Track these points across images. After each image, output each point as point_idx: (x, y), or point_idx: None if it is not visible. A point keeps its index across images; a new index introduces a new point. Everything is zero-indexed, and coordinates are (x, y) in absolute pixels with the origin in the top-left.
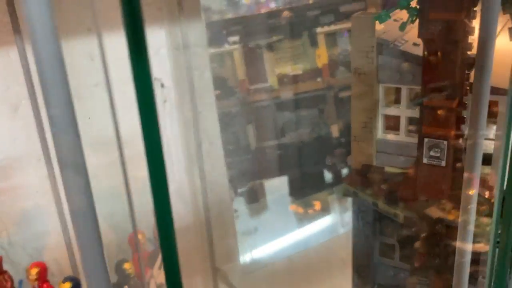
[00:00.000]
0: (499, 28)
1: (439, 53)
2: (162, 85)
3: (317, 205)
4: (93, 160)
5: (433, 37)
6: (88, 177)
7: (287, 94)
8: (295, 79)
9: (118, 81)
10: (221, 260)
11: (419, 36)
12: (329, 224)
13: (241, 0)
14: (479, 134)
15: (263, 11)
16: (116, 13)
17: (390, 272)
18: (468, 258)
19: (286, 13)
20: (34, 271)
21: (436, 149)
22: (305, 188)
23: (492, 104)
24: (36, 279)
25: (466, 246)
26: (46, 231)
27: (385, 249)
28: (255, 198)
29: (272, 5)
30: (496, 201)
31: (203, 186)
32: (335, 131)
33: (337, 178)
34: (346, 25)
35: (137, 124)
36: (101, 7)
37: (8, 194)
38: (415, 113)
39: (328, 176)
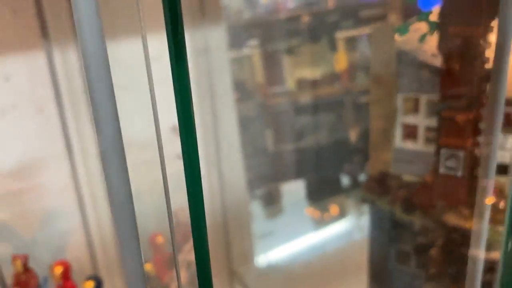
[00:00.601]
0: None
1: (457, 66)
2: None
3: (334, 209)
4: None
5: (451, 50)
6: (127, 172)
7: (305, 98)
8: (313, 83)
9: (143, 84)
10: (238, 261)
11: (438, 49)
12: (346, 229)
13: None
14: (493, 143)
15: (281, 12)
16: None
17: (406, 279)
18: (480, 266)
19: (305, 18)
20: (59, 270)
21: (452, 160)
22: (322, 192)
23: (509, 115)
24: (60, 278)
25: (478, 254)
26: (68, 230)
27: (401, 256)
28: (271, 200)
29: (290, 6)
30: (508, 209)
31: (221, 188)
32: (353, 136)
33: (355, 184)
34: (366, 30)
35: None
36: (121, 14)
37: (33, 193)
38: (433, 122)
39: (345, 181)
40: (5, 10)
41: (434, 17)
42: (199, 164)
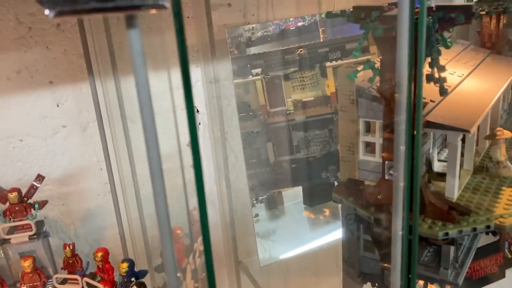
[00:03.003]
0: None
1: (392, 100)
2: (197, 111)
3: (327, 212)
4: (141, 171)
5: (387, 89)
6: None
7: (301, 117)
8: (308, 104)
9: (163, 109)
10: (243, 254)
11: (377, 90)
12: (337, 227)
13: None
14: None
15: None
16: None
17: (372, 264)
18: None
19: (300, 50)
20: (99, 254)
21: (393, 169)
22: (316, 197)
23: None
24: (101, 260)
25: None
26: (104, 226)
27: (367, 245)
28: (273, 205)
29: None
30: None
31: (228, 192)
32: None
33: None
34: (350, 60)
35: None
36: (149, 52)
37: (76, 196)
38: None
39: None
40: (58, 49)
41: (377, 64)
42: (202, 172)
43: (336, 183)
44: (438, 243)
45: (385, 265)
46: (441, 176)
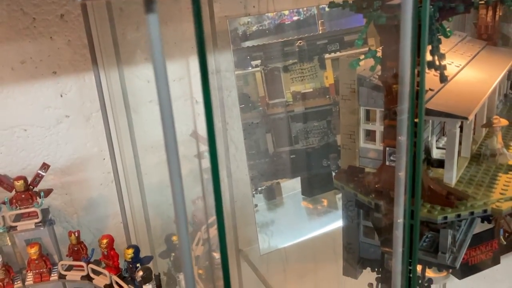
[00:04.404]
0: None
1: (393, 88)
2: (197, 102)
3: (325, 202)
4: (144, 161)
5: (389, 79)
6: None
7: (300, 108)
8: (307, 95)
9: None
10: (243, 243)
11: (379, 78)
12: (334, 217)
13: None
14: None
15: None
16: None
17: (371, 249)
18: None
19: (299, 42)
20: (105, 241)
21: (394, 155)
22: (315, 187)
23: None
24: (106, 247)
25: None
26: (107, 215)
27: (367, 231)
28: (272, 195)
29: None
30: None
31: (229, 183)
32: (340, 139)
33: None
34: (349, 52)
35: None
36: None
37: (79, 185)
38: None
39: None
40: (62, 40)
41: (379, 53)
42: (217, 160)
43: (334, 173)
44: (436, 227)
45: (386, 249)
46: (440, 163)
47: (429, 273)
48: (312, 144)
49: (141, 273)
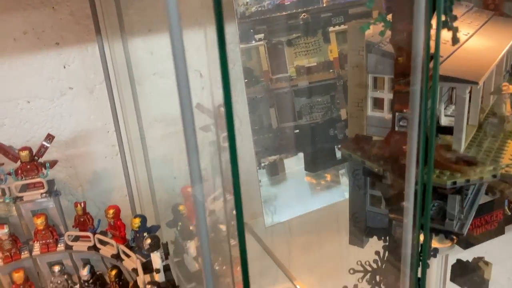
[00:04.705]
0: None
1: (404, 52)
2: (201, 75)
3: (328, 177)
4: (148, 135)
5: (400, 42)
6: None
7: (304, 82)
8: (311, 70)
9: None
10: (248, 217)
11: (390, 42)
12: (337, 191)
13: None
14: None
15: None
16: (164, 18)
17: (378, 218)
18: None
19: (303, 15)
20: (111, 211)
21: (403, 120)
22: (318, 163)
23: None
24: (112, 217)
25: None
26: (112, 188)
27: (374, 200)
28: (275, 171)
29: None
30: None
31: None
32: (343, 114)
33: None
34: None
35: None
36: (158, 14)
37: (84, 158)
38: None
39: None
40: (65, 10)
41: (389, 17)
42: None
43: (340, 146)
44: (445, 192)
45: (394, 217)
46: (448, 130)
47: (434, 244)
48: (316, 119)
49: (149, 241)
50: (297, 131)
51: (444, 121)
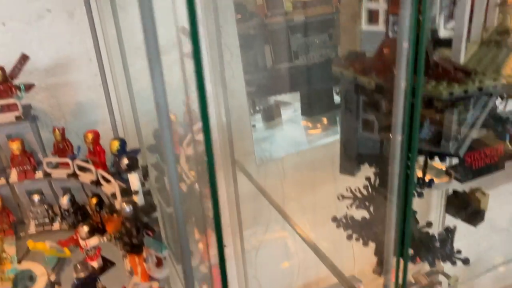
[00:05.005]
0: None
1: None
2: None
3: (325, 121)
4: (133, 65)
5: None
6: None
7: (300, 17)
8: (307, 3)
9: None
10: (239, 155)
11: None
12: (333, 133)
13: None
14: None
15: None
16: None
17: (370, 144)
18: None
19: None
20: (90, 136)
21: (397, 24)
22: (315, 107)
23: None
24: (91, 142)
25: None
26: (96, 120)
27: (366, 124)
28: (271, 116)
29: None
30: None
31: (224, 92)
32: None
33: None
34: None
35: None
36: None
37: (65, 88)
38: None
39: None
40: None
41: None
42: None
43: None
44: (441, 107)
45: (385, 135)
46: (447, 43)
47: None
48: (312, 60)
49: (126, 161)
50: (293, 71)
51: (444, 34)
